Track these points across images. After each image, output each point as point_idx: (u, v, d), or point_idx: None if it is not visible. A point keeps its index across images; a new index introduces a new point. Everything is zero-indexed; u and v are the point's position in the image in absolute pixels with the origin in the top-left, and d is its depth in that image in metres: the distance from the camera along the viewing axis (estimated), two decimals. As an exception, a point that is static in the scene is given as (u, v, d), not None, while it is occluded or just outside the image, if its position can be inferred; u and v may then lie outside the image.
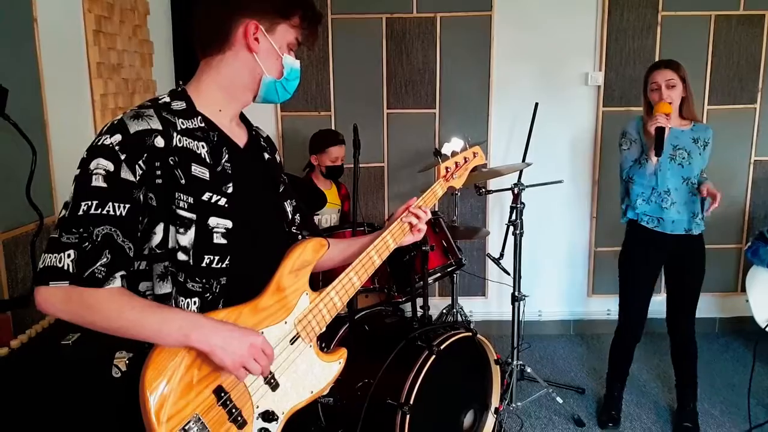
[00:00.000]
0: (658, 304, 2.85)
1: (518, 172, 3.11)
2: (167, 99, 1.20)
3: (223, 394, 1.16)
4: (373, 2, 3.59)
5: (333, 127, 3.67)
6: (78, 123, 2.45)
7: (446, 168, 1.69)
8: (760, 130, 3.74)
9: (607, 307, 3.92)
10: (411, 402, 2.12)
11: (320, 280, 1.90)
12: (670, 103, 2.50)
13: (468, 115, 3.72)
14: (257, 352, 1.14)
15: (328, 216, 3.19)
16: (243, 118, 1.36)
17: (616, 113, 3.69)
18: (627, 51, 3.65)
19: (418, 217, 1.50)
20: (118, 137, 1.09)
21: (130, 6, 2.90)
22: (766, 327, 2.68)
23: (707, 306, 3.89)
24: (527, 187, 2.96)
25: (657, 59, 3.60)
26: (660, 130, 2.43)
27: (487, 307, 3.98)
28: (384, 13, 3.60)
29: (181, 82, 1.26)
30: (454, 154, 1.73)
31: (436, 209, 3.70)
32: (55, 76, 2.24)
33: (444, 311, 3.49)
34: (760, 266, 2.78)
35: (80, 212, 1.06)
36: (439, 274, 2.78)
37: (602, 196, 3.81)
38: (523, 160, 3.26)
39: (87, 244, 1.05)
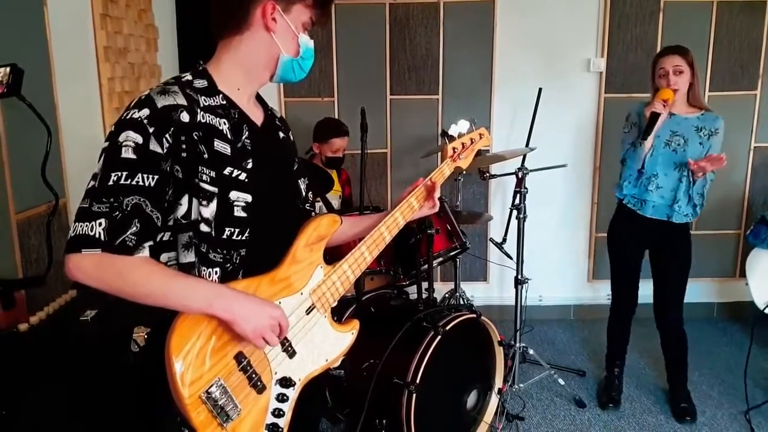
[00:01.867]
0: (648, 290, 2.90)
1: (522, 156, 3.14)
2: (189, 77, 1.23)
3: (243, 360, 1.20)
4: (376, -12, 3.60)
5: (336, 113, 3.69)
6: (87, 106, 2.47)
7: (453, 149, 1.72)
8: (761, 117, 3.77)
9: (607, 292, 3.92)
10: (417, 381, 2.17)
11: (326, 256, 1.93)
12: (674, 90, 2.52)
13: (471, 101, 3.74)
14: (275, 323, 1.18)
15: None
16: (259, 98, 1.40)
17: (617, 100, 3.71)
18: (629, 38, 3.67)
19: (432, 190, 1.53)
20: (146, 111, 1.12)
21: (136, -10, 2.92)
22: (765, 309, 2.72)
23: (706, 291, 3.94)
24: (531, 171, 2.99)
25: (659, 46, 3.63)
26: (654, 116, 2.46)
27: (488, 291, 4.02)
28: (387, -1, 3.62)
29: (201, 62, 1.29)
30: (460, 135, 1.77)
31: (441, 193, 3.73)
32: (65, 60, 2.26)
33: (447, 295, 3.53)
34: (761, 249, 2.81)
35: (110, 182, 1.09)
36: (443, 258, 2.82)
37: (603, 182, 3.84)
38: (527, 145, 3.29)
39: (117, 213, 1.08)
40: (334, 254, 1.44)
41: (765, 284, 2.77)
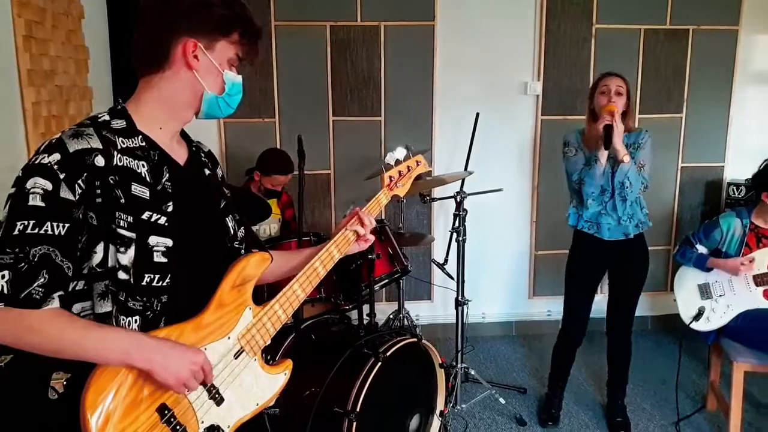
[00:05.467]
0: (597, 304, 2.97)
1: (461, 180, 3.19)
2: (107, 117, 1.19)
3: (166, 412, 1.16)
4: (316, 9, 3.60)
5: (277, 134, 3.66)
6: (9, 133, 2.36)
7: (390, 177, 1.73)
8: (686, 138, 3.96)
9: (547, 308, 4.06)
10: (358, 409, 2.15)
11: (265, 291, 1.90)
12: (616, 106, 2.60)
13: (413, 123, 3.78)
14: (197, 369, 1.15)
15: (267, 226, 3.18)
16: (183, 134, 1.36)
17: (554, 121, 3.83)
18: (564, 61, 3.80)
19: (363, 225, 1.53)
20: (56, 156, 1.08)
21: (63, 10, 2.81)
22: (690, 324, 2.84)
23: (641, 304, 4.01)
24: (469, 195, 3.03)
25: (591, 70, 3.78)
26: (607, 128, 2.54)
27: (433, 310, 4.05)
28: (328, 20, 3.62)
29: (120, 100, 1.24)
30: (397, 162, 1.78)
31: (383, 217, 3.74)
32: (-16, 84, 2.15)
33: (391, 316, 3.54)
34: (687, 267, 2.94)
35: (16, 231, 1.04)
36: (385, 281, 2.82)
37: (542, 202, 3.95)
38: (465, 169, 3.34)
39: (23, 264, 1.03)
40: (271, 289, 1.41)
41: (690, 301, 2.89)
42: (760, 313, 2.71)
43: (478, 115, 3.38)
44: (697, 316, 2.83)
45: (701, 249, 2.90)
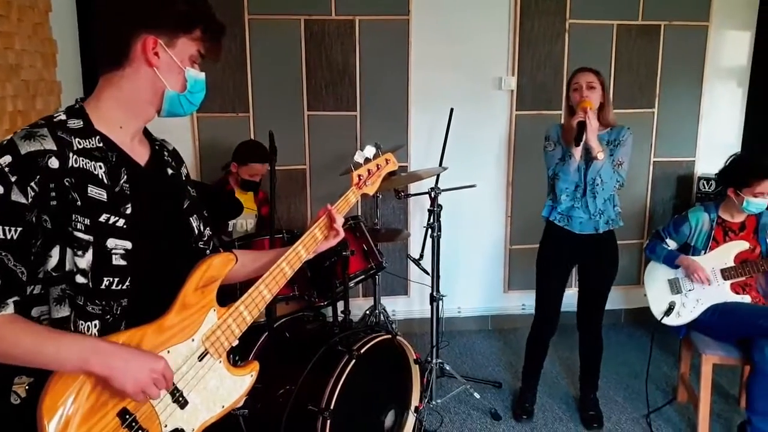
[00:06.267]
0: (570, 298, 3.00)
1: (436, 175, 3.19)
2: (63, 117, 1.16)
3: (128, 416, 1.14)
4: (290, 3, 3.57)
5: (252, 129, 3.63)
6: (-29, 128, 2.30)
7: (359, 176, 1.72)
8: (658, 133, 4.01)
9: (522, 302, 4.09)
10: (332, 407, 2.15)
11: (237, 290, 1.88)
12: (590, 101, 2.60)
13: (388, 118, 3.77)
14: (158, 376, 1.13)
15: (243, 221, 3.15)
16: (146, 132, 1.33)
17: (528, 116, 3.85)
18: (538, 57, 3.81)
19: (333, 221, 1.52)
20: (7, 158, 1.05)
21: (30, 3, 2.74)
22: (661, 319, 2.89)
23: (613, 298, 4.08)
24: (443, 191, 3.04)
25: (566, 65, 3.80)
26: (581, 125, 2.55)
27: (409, 305, 4.06)
28: (302, 14, 3.59)
29: (78, 99, 1.21)
30: (367, 161, 1.77)
31: (358, 213, 3.74)
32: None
33: (367, 312, 3.53)
34: (656, 262, 2.98)
35: None
36: (360, 278, 2.82)
37: (516, 196, 3.97)
38: (440, 164, 3.34)
39: None
40: (244, 288, 1.39)
41: (660, 296, 2.93)
42: (728, 307, 2.76)
43: (452, 110, 3.38)
44: (668, 311, 2.87)
45: (671, 243, 2.95)
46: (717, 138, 4.05)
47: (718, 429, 2.87)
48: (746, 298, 2.78)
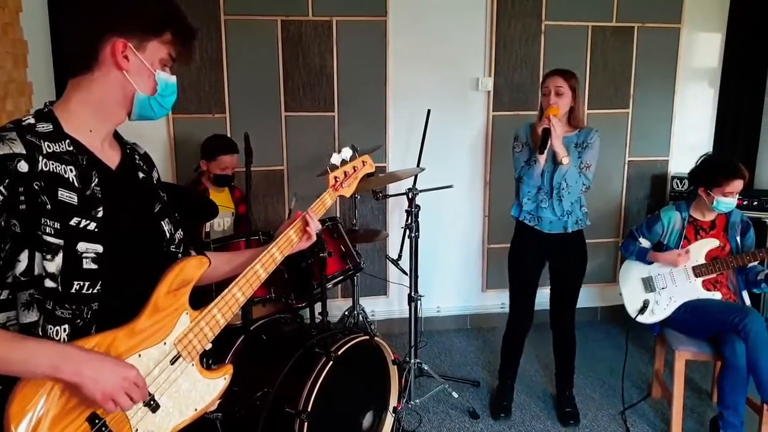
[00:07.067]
0: (545, 296, 3.03)
1: (414, 176, 3.20)
2: (32, 120, 1.15)
3: (97, 421, 1.13)
4: (267, 4, 3.55)
5: (228, 130, 3.60)
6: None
7: (335, 178, 1.72)
8: (633, 133, 4.07)
9: (500, 301, 4.12)
10: (309, 409, 2.14)
11: (213, 291, 1.87)
12: (557, 108, 2.64)
13: (366, 118, 3.77)
14: (129, 385, 1.12)
15: (220, 220, 3.13)
16: (117, 136, 1.32)
17: (505, 117, 3.88)
18: (514, 58, 3.84)
19: (308, 225, 1.53)
20: None
21: (-1, 3, 2.70)
22: (636, 317, 2.93)
23: (590, 296, 4.20)
24: (420, 191, 3.05)
25: (541, 66, 3.84)
26: (546, 131, 2.58)
27: (389, 305, 4.07)
28: (279, 15, 3.57)
29: (47, 103, 1.20)
30: (343, 163, 1.77)
31: (337, 214, 3.73)
32: None
33: (346, 313, 3.53)
34: (631, 261, 3.03)
35: None
36: (338, 279, 2.81)
37: (494, 196, 4.00)
38: (418, 165, 3.35)
39: None
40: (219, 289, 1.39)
41: (635, 294, 2.98)
42: (699, 304, 2.81)
43: (429, 111, 3.40)
44: (642, 309, 2.91)
45: (644, 242, 2.99)
46: (690, 138, 4.13)
47: (691, 423, 2.92)
48: (717, 295, 2.83)
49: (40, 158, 1.10)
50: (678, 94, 4.06)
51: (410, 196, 3.01)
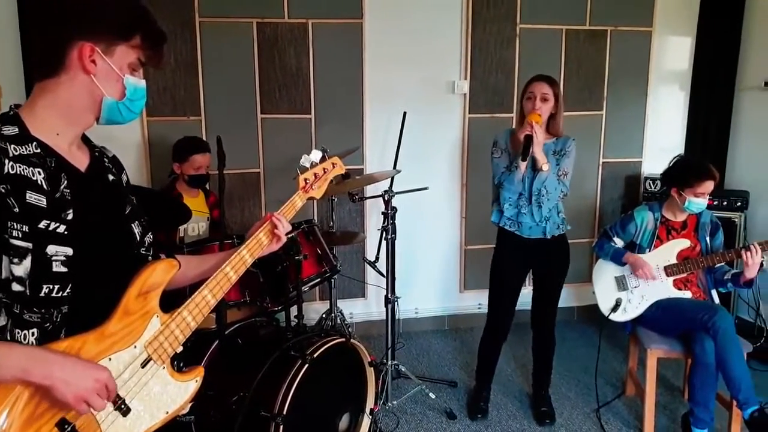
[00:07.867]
0: (524, 296, 3.05)
1: (390, 178, 3.21)
2: None
3: (66, 426, 1.12)
4: (242, 6, 3.54)
5: (204, 133, 3.58)
6: None
7: (305, 180, 1.73)
8: (607, 135, 4.14)
9: (478, 302, 4.15)
10: (284, 413, 2.14)
11: (188, 294, 1.86)
12: (540, 114, 2.66)
13: (343, 121, 3.78)
14: (100, 387, 1.11)
15: (195, 224, 3.11)
16: (85, 139, 1.31)
17: (481, 119, 3.92)
18: (490, 61, 3.88)
19: (276, 228, 1.53)
20: None
21: (-33, 3, 2.65)
22: (608, 315, 2.98)
23: (566, 296, 4.23)
24: (396, 194, 3.06)
25: (517, 69, 3.88)
26: (528, 138, 2.60)
27: (367, 307, 4.07)
28: (254, 17, 3.56)
29: (12, 106, 1.19)
30: (313, 165, 1.78)
31: (313, 217, 3.73)
32: None
33: (323, 316, 3.53)
34: (604, 260, 3.07)
35: None
36: (314, 282, 2.81)
37: (471, 197, 4.03)
38: (394, 167, 3.37)
39: None
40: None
41: (608, 293, 3.03)
42: (670, 302, 2.86)
43: (405, 114, 3.42)
44: (615, 308, 2.96)
45: (618, 242, 3.04)
46: (662, 139, 4.21)
47: (664, 420, 2.97)
48: (687, 294, 2.89)
49: (6, 161, 1.09)
50: (650, 97, 4.14)
51: (386, 198, 3.02)
